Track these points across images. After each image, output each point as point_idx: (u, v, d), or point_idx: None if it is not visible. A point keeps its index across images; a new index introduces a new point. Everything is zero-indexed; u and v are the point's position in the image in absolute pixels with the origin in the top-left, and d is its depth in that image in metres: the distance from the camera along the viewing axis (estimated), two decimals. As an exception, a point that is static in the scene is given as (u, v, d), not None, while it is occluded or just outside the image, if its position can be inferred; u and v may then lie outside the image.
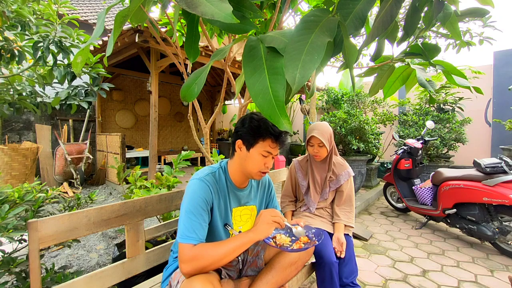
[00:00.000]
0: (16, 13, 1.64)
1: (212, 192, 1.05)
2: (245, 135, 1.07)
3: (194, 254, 0.89)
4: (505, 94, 5.08)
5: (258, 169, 1.07)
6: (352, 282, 1.38)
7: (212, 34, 1.57)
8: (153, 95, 4.02)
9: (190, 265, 0.89)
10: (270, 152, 1.06)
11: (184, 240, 0.93)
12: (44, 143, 4.77)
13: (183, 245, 0.92)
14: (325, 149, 1.60)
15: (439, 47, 0.90)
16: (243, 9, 0.74)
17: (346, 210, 1.63)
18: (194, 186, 1.04)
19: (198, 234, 0.94)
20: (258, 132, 1.05)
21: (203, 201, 1.01)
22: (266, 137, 1.05)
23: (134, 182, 1.82)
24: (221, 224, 1.11)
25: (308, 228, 1.15)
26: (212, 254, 0.90)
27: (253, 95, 0.57)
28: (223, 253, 0.90)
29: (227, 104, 9.11)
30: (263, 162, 1.07)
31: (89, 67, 1.88)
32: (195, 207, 0.98)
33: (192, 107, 1.66)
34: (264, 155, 1.06)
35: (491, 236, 2.31)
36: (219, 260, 0.90)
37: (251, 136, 1.06)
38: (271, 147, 1.06)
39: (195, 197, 1.00)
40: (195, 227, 0.95)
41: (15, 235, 1.10)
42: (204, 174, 1.09)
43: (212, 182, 1.07)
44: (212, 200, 1.06)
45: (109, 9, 0.70)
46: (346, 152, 4.17)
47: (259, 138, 1.05)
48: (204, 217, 0.99)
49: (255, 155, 1.06)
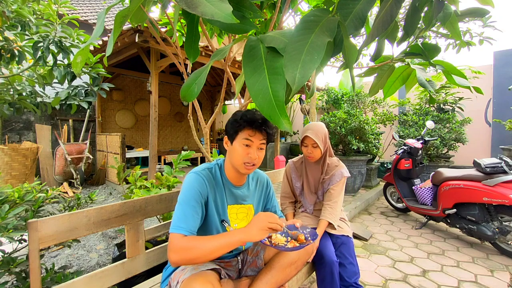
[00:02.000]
0: (16, 13, 1.64)
1: (207, 186, 1.07)
2: (228, 130, 1.12)
3: (183, 245, 0.90)
4: (505, 94, 5.09)
5: (242, 160, 1.07)
6: (355, 283, 1.37)
7: (212, 34, 1.57)
8: (153, 95, 4.02)
9: (178, 255, 0.89)
10: (250, 140, 1.06)
11: (175, 230, 0.94)
12: (44, 143, 4.78)
13: (173, 235, 0.93)
14: (319, 150, 1.57)
15: (439, 47, 0.90)
16: (243, 9, 0.74)
17: (329, 206, 1.58)
18: (189, 179, 1.07)
19: (189, 225, 0.95)
20: (236, 122, 1.08)
21: (197, 193, 1.02)
22: (243, 126, 1.06)
23: (134, 182, 1.82)
24: (218, 220, 1.11)
25: (303, 228, 1.15)
26: (200, 247, 0.89)
27: (253, 95, 0.57)
28: (211, 249, 0.89)
29: (227, 104, 9.11)
30: (245, 152, 1.07)
31: (89, 67, 1.88)
32: (189, 198, 1.00)
33: (192, 107, 1.66)
34: (245, 143, 1.07)
35: (491, 236, 2.31)
36: (206, 255, 0.89)
37: (231, 129, 1.10)
38: (250, 135, 1.06)
39: (189, 188, 1.03)
40: (187, 218, 0.96)
41: (15, 235, 1.10)
42: (200, 169, 1.12)
43: (208, 177, 1.09)
44: (207, 194, 1.07)
45: (109, 9, 0.70)
46: (346, 152, 4.17)
47: (238, 128, 1.07)
48: (197, 209, 1.00)
49: (237, 146, 1.08)
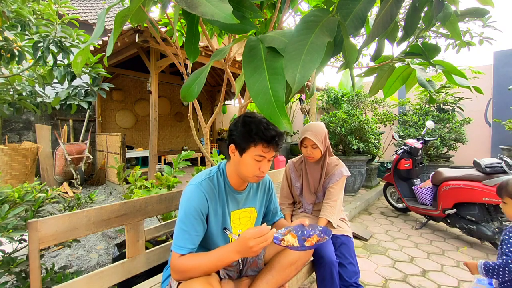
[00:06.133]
0: (16, 13, 1.64)
1: (208, 200, 1.03)
2: (237, 140, 1.03)
3: (181, 267, 0.93)
4: (505, 94, 5.08)
5: (252, 174, 1.04)
6: (355, 283, 1.37)
7: (212, 34, 1.57)
8: (153, 95, 4.02)
9: (177, 275, 0.95)
10: (263, 156, 1.01)
11: (175, 249, 0.97)
12: (44, 143, 4.77)
13: (173, 254, 0.97)
14: (319, 150, 1.57)
15: (439, 47, 0.90)
16: (243, 9, 0.74)
17: (328, 205, 1.57)
18: (190, 193, 1.03)
19: (188, 244, 0.97)
20: (249, 136, 1.00)
21: (196, 211, 1.00)
22: (257, 142, 0.99)
23: (134, 182, 1.82)
24: (218, 230, 1.09)
25: (313, 227, 1.14)
26: (197, 270, 0.93)
27: (253, 95, 0.57)
28: (208, 268, 0.93)
29: (227, 104, 9.11)
30: (257, 166, 1.03)
31: (89, 67, 1.88)
32: (188, 217, 0.99)
33: (192, 107, 1.66)
34: (258, 159, 1.02)
35: (491, 236, 2.31)
36: (203, 273, 0.93)
37: (242, 141, 1.02)
38: (263, 152, 1.01)
39: (189, 206, 1.00)
40: (186, 237, 0.97)
41: (15, 235, 1.10)
42: (201, 179, 1.06)
43: (209, 189, 1.05)
44: (208, 209, 1.04)
45: (109, 9, 0.70)
46: (346, 152, 4.17)
47: (251, 143, 1.00)
48: (196, 227, 1.00)
49: (248, 160, 1.02)
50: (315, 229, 1.12)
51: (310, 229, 1.12)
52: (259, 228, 0.90)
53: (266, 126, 1.00)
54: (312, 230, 1.11)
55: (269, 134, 0.99)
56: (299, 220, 1.13)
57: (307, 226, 1.12)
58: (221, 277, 1.11)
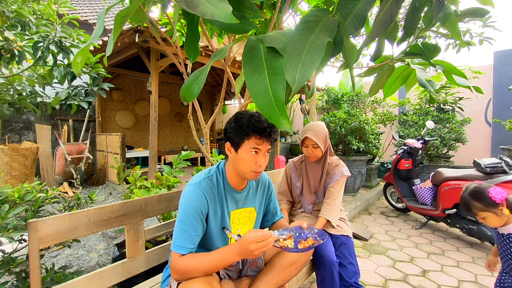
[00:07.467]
0: (16, 13, 1.64)
1: (208, 200, 1.03)
2: (231, 136, 1.04)
3: (180, 268, 0.93)
4: (505, 94, 5.08)
5: (250, 169, 1.03)
6: (355, 283, 1.38)
7: (212, 34, 1.57)
8: (153, 95, 4.02)
9: (177, 276, 0.95)
10: (258, 148, 1.02)
11: (174, 249, 0.97)
12: (44, 143, 4.78)
13: (173, 253, 0.97)
14: (320, 150, 1.57)
15: (439, 47, 0.90)
16: (243, 9, 0.74)
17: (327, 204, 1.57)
18: (189, 193, 1.02)
19: (187, 244, 0.97)
20: (242, 130, 1.01)
21: (196, 210, 0.99)
22: (250, 134, 1.00)
23: (134, 182, 1.82)
24: (217, 229, 1.09)
25: (310, 229, 1.14)
26: (196, 270, 0.93)
27: (253, 95, 0.57)
28: (208, 268, 0.93)
29: (227, 104, 9.11)
30: (253, 161, 1.02)
31: (89, 67, 1.88)
32: (187, 217, 0.99)
33: (192, 107, 1.66)
34: (253, 152, 1.02)
35: (491, 236, 2.31)
36: (203, 273, 0.94)
37: (236, 136, 1.02)
38: (257, 144, 1.01)
39: (188, 206, 1.00)
40: (185, 237, 0.97)
41: (15, 235, 1.10)
42: (200, 179, 1.06)
43: (208, 188, 1.05)
44: (207, 209, 1.04)
45: (109, 9, 0.70)
46: (346, 152, 4.17)
47: (244, 136, 1.01)
48: (196, 227, 0.99)
49: (244, 155, 1.02)
50: (311, 232, 1.12)
51: (308, 231, 1.12)
52: (262, 232, 0.90)
53: (258, 118, 1.02)
54: (309, 233, 1.12)
55: (260, 126, 1.00)
56: (298, 222, 1.13)
57: (305, 228, 1.12)
58: (221, 277, 1.11)
